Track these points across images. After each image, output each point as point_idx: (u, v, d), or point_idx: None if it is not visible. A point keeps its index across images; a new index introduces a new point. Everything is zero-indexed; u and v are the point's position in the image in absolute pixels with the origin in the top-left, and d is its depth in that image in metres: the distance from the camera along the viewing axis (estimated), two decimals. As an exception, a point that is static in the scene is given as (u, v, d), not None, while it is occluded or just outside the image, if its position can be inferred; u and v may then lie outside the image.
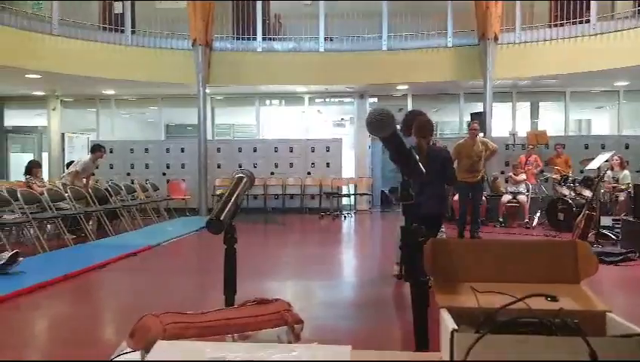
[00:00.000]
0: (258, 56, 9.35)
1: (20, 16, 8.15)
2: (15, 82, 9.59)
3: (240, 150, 10.27)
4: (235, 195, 1.36)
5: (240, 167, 9.54)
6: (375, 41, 9.11)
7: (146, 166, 10.49)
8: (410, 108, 9.76)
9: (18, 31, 7.96)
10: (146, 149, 10.53)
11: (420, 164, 1.33)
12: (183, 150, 10.53)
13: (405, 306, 3.27)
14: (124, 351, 0.93)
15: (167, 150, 10.58)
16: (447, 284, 1.15)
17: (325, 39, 9.21)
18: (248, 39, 9.48)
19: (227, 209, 1.31)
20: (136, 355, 0.90)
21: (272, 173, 10.15)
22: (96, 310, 3.44)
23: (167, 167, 10.48)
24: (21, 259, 4.34)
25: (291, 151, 10.12)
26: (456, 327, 0.80)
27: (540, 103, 10.62)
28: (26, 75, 8.87)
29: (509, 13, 8.56)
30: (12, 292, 3.62)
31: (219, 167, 10.18)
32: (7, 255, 4.26)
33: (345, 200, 10.02)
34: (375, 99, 10.37)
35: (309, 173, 10.05)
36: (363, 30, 9.22)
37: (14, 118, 11.67)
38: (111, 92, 10.91)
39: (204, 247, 5.84)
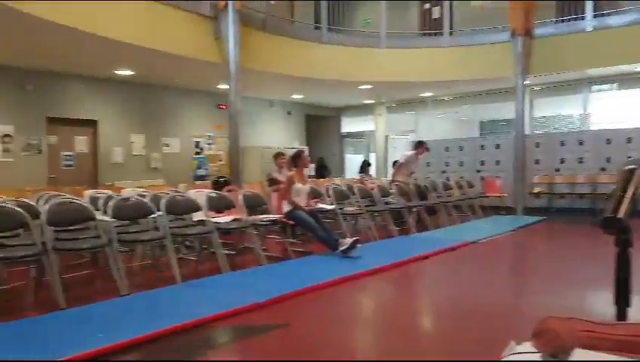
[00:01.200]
0: (586, 36, 8.20)
1: (352, 35, 9.52)
2: (350, 94, 11.43)
3: (562, 144, 9.26)
4: (630, 190, 1.25)
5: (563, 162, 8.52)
6: None
7: (460, 163, 10.64)
8: None
9: (351, 48, 9.29)
10: (461, 147, 10.67)
11: None
12: (498, 146, 10.18)
13: None
14: (519, 351, 0.93)
15: (482, 147, 10.41)
16: None
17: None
18: (575, 19, 8.41)
19: (623, 206, 1.22)
20: (535, 356, 0.90)
21: (603, 169, 8.60)
22: (429, 297, 3.69)
23: (482, 164, 10.35)
24: (359, 245, 5.00)
25: (629, 142, 8.38)
26: None
27: None
28: (359, 87, 10.38)
29: None
30: (355, 273, 4.20)
31: (537, 162, 9.45)
32: (349, 241, 5.00)
33: None
34: None
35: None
36: None
37: (348, 124, 14.05)
38: (429, 94, 11.61)
39: (521, 248, 5.85)
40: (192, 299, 3.42)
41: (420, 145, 7.85)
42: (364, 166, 8.14)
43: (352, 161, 13.81)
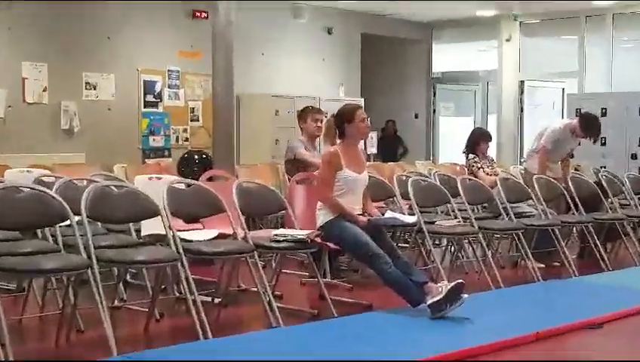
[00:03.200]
0: None
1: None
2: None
3: None
4: None
5: None
6: None
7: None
8: None
9: None
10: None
11: None
12: None
13: None
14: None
15: None
16: None
17: None
18: None
19: None
20: None
21: None
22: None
23: None
24: (465, 295, 4.90)
25: None
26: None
27: None
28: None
29: None
30: (461, 349, 4.22)
31: None
32: (444, 287, 4.92)
33: None
34: None
35: None
36: None
37: (445, 58, 14.26)
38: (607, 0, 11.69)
39: None
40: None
41: (585, 120, 7.61)
42: (477, 140, 7.89)
43: (451, 131, 13.79)
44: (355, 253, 5.25)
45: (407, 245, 6.54)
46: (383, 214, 5.60)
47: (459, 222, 6.24)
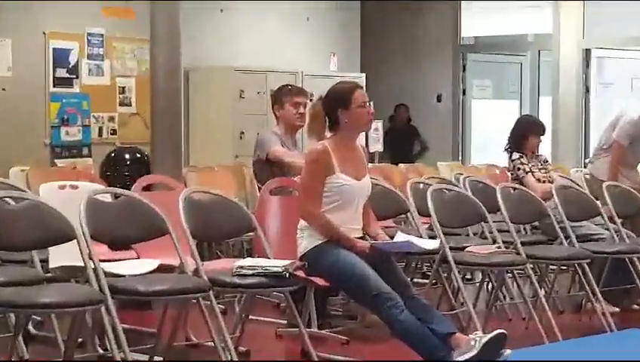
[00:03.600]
0: None
1: None
2: None
3: None
4: None
5: None
6: None
7: None
8: None
9: None
10: None
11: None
12: None
13: None
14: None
15: None
16: None
17: None
18: None
19: None
20: None
21: None
22: None
23: None
24: (507, 351, 4.92)
25: None
26: None
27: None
28: None
29: None
30: None
31: None
32: (477, 341, 4.90)
33: None
34: None
35: None
36: None
37: (478, 19, 14.28)
38: None
39: None
40: None
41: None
42: (524, 133, 7.92)
43: (488, 119, 13.88)
44: (352, 291, 5.23)
45: (427, 280, 6.56)
46: (392, 237, 5.56)
47: (498, 247, 6.25)
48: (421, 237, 5.93)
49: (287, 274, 4.99)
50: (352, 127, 5.36)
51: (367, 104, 5.38)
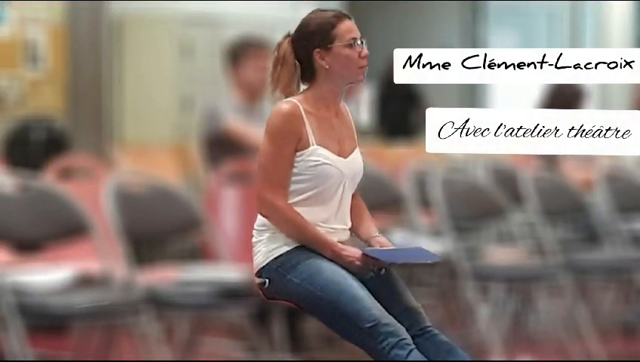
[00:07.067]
0: None
1: None
2: None
3: None
4: None
5: None
6: None
7: None
8: None
9: None
10: None
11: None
12: None
13: None
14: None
15: None
16: None
17: None
18: None
19: None
20: None
21: None
22: None
23: None
24: None
25: None
26: None
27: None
28: None
29: None
30: None
31: None
32: None
33: None
34: None
35: None
36: None
37: None
38: None
39: None
40: None
41: None
42: (560, 102, 7.99)
43: (511, 84, 13.82)
44: (335, 322, 4.90)
45: (425, 288, 6.55)
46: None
47: (527, 259, 6.34)
48: (421, 237, 6.00)
49: (254, 291, 5.00)
50: (336, 77, 4.95)
51: (359, 42, 5.07)
